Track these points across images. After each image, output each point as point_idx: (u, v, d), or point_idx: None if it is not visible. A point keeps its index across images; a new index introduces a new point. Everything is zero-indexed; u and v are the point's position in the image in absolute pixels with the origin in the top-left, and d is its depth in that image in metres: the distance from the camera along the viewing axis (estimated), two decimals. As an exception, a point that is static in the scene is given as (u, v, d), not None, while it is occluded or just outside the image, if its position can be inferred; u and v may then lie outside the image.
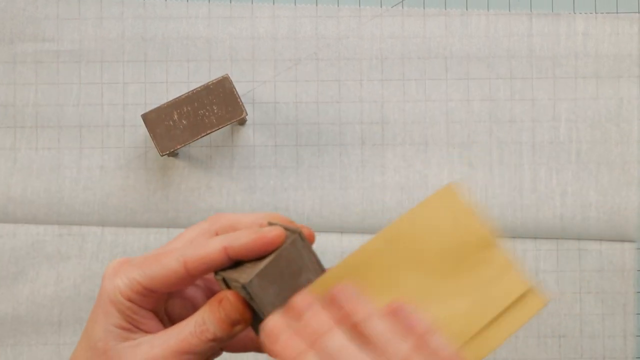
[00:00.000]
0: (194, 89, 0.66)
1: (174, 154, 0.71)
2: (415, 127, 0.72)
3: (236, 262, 0.43)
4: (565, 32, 0.72)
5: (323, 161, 0.72)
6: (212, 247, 0.42)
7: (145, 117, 0.66)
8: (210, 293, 0.48)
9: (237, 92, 0.66)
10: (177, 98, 0.66)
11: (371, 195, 0.71)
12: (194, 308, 0.46)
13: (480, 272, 0.44)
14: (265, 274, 0.41)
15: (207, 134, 0.66)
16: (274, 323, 0.41)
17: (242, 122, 0.70)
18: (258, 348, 0.47)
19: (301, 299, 0.41)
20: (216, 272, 0.44)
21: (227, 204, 0.71)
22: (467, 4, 0.72)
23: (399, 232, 0.44)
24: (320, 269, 0.43)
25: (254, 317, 0.44)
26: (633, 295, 0.71)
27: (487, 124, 0.72)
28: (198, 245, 0.43)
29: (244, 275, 0.42)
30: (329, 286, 0.42)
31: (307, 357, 0.39)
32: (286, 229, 0.43)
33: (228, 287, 0.44)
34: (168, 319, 0.46)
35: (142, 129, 0.71)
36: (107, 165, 0.71)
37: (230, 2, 0.72)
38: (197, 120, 0.66)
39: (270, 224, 0.45)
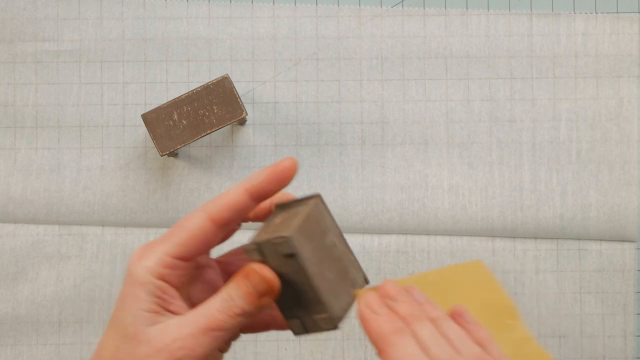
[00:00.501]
0: (194, 89, 0.66)
1: (174, 154, 0.71)
2: (415, 127, 0.72)
3: (262, 231, 0.45)
4: (565, 32, 0.72)
5: (323, 161, 0.72)
6: (234, 192, 0.43)
7: (145, 117, 0.66)
8: (227, 277, 0.49)
9: (237, 92, 0.66)
10: (177, 98, 0.66)
11: (371, 195, 0.71)
12: (214, 292, 0.47)
13: (507, 335, 0.47)
14: (303, 230, 0.43)
15: (207, 134, 0.66)
16: (373, 297, 0.43)
17: (242, 122, 0.70)
18: (279, 325, 0.48)
19: (392, 286, 0.44)
20: (247, 246, 0.45)
21: (227, 204, 0.71)
22: (467, 4, 0.72)
23: (431, 281, 0.47)
24: (339, 232, 0.45)
25: (282, 291, 0.45)
26: (633, 295, 0.71)
27: (487, 124, 0.72)
28: (218, 196, 0.44)
29: (282, 232, 0.42)
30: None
31: (404, 334, 0.42)
32: (304, 197, 0.45)
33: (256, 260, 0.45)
34: (191, 305, 0.47)
35: (142, 129, 0.71)
36: (107, 165, 0.71)
37: (230, 2, 0.72)
38: (197, 120, 0.66)
39: (277, 205, 0.46)
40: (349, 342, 0.71)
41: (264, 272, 0.43)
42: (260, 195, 0.44)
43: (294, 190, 0.71)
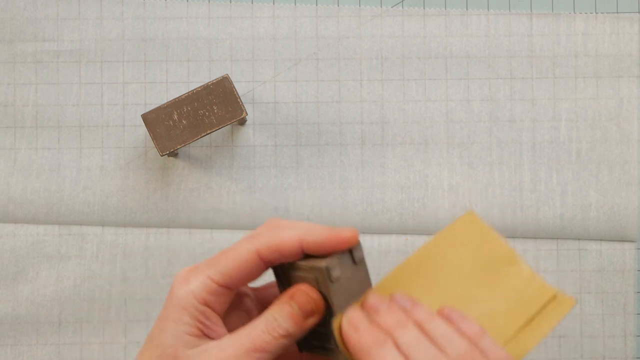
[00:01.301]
0: (194, 89, 0.66)
1: (174, 154, 0.71)
2: (415, 127, 0.72)
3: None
4: (565, 32, 0.72)
5: (323, 161, 0.72)
6: (288, 237, 0.44)
7: (145, 117, 0.66)
8: (261, 305, 0.49)
9: (237, 92, 0.66)
10: (177, 98, 0.66)
11: (371, 195, 0.71)
12: (249, 320, 0.47)
13: (509, 283, 0.48)
14: (340, 264, 0.44)
15: (207, 134, 0.66)
16: (355, 313, 0.44)
17: (242, 122, 0.70)
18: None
19: (374, 297, 0.45)
20: (281, 264, 0.46)
21: (227, 204, 0.71)
22: (467, 4, 0.72)
23: (434, 250, 0.48)
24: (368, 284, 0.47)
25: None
26: (633, 295, 0.71)
27: (487, 124, 0.72)
28: (271, 233, 0.44)
29: (322, 262, 0.44)
30: (384, 293, 0.46)
31: (385, 344, 0.42)
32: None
33: (283, 283, 0.46)
34: (229, 332, 0.47)
35: (142, 129, 0.71)
36: (107, 165, 0.71)
37: (230, 2, 0.72)
38: (197, 120, 0.66)
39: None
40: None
41: (311, 292, 0.44)
42: (308, 251, 0.44)
43: (294, 190, 0.71)
